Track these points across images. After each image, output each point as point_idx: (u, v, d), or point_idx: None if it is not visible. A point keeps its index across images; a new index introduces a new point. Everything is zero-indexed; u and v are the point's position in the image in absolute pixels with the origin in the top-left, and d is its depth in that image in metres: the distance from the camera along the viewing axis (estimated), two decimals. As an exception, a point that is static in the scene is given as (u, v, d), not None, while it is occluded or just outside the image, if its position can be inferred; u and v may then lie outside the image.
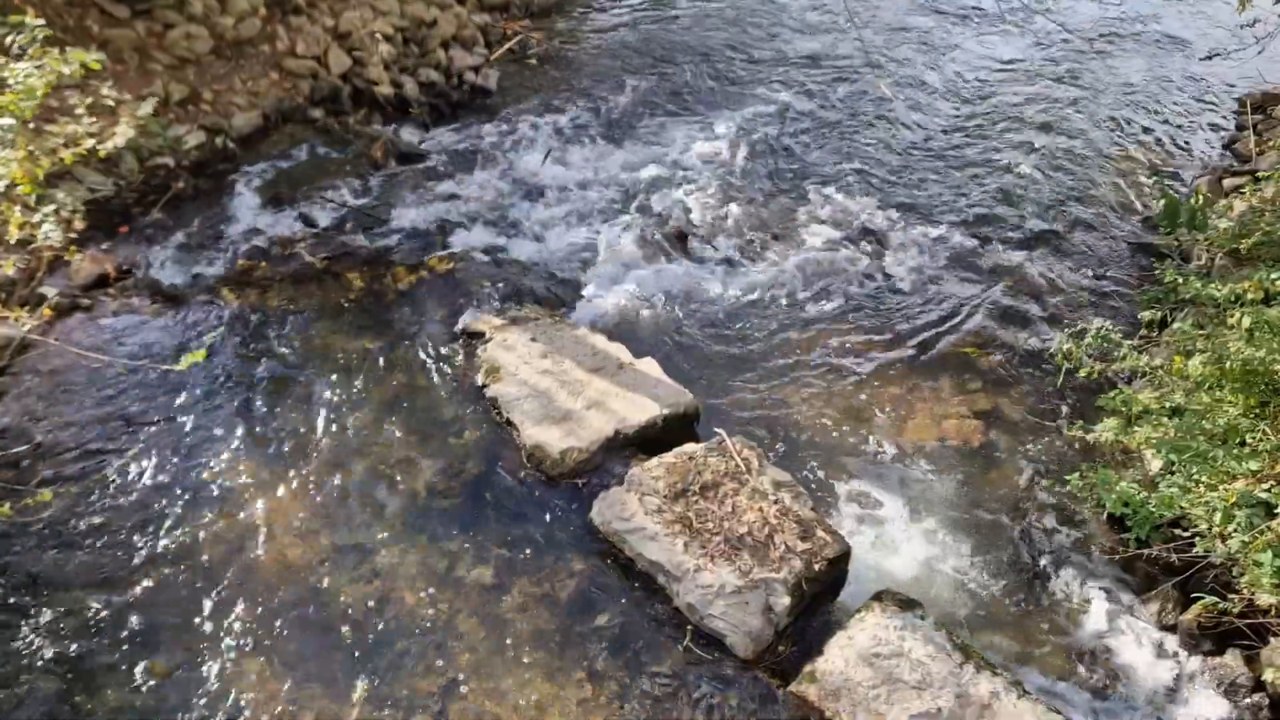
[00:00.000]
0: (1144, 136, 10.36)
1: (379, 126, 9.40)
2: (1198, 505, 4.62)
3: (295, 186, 8.31)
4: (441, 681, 4.43)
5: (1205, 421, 4.93)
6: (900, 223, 8.55)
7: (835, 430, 6.26)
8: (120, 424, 5.66)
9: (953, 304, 7.55)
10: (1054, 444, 6.19)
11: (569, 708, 4.32)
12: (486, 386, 6.01)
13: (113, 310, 6.57)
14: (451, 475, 5.50)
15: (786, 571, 4.71)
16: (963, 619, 5.12)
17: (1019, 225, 8.59)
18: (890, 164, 9.53)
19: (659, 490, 5.13)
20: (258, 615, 4.67)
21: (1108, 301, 7.64)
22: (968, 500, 5.81)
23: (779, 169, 9.36)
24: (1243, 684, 4.67)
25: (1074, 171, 9.52)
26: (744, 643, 4.51)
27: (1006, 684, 4.33)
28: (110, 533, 5.00)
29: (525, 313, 6.73)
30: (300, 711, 4.26)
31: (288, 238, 7.63)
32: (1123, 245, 8.41)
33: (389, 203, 8.27)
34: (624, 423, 5.65)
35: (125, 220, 7.55)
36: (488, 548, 5.08)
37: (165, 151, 7.98)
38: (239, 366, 6.18)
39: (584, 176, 9.02)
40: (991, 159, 9.70)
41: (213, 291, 6.89)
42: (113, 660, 4.40)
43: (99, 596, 4.67)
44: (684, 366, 6.66)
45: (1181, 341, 5.51)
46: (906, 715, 4.18)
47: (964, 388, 6.67)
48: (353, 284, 7.09)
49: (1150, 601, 5.16)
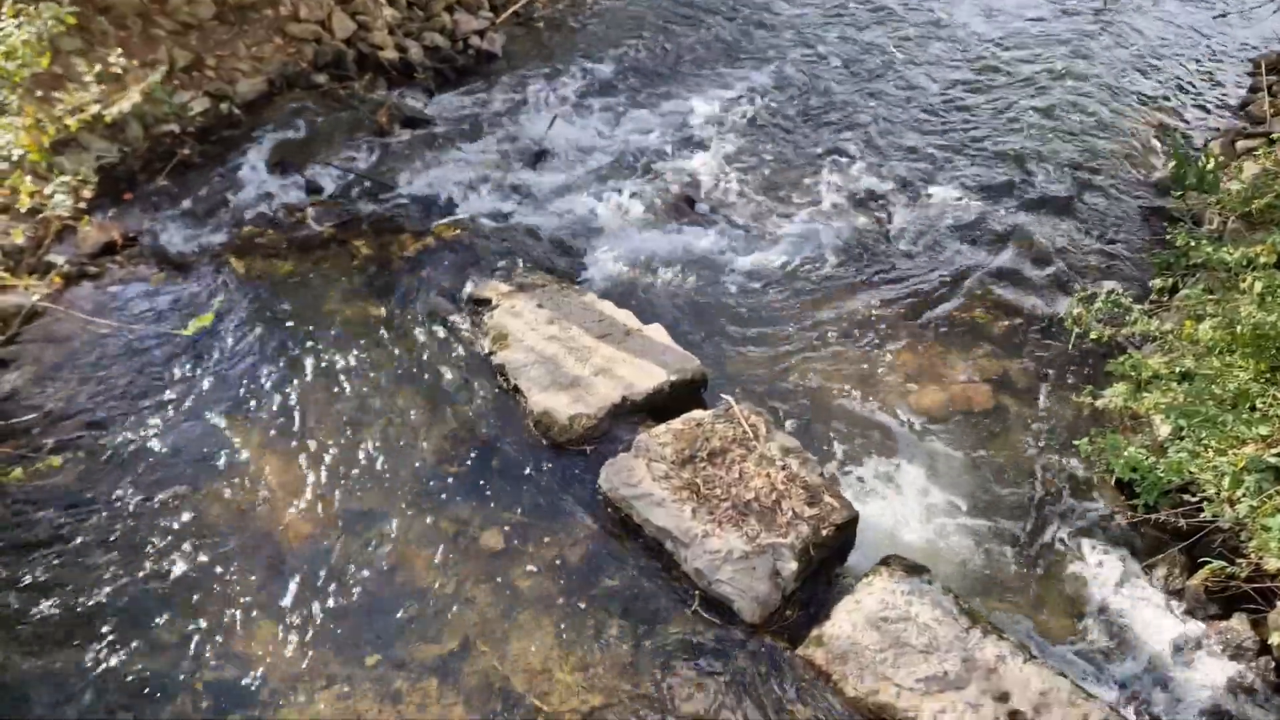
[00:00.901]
0: (1156, 98, 10.24)
1: (384, 92, 9.34)
2: (1206, 470, 4.61)
3: (300, 153, 8.27)
4: (452, 645, 4.46)
5: (1215, 386, 4.91)
6: (909, 187, 8.49)
7: (843, 396, 6.25)
8: (129, 391, 5.68)
9: (961, 269, 7.51)
10: (1063, 409, 6.17)
11: (577, 670, 4.35)
12: (493, 353, 6.00)
13: (120, 278, 6.58)
14: (459, 442, 5.52)
15: (794, 537, 4.72)
16: (970, 583, 5.13)
17: (1029, 189, 8.51)
18: (898, 127, 9.44)
19: (666, 456, 5.14)
20: (268, 581, 4.70)
21: (1118, 265, 7.59)
22: (975, 465, 5.81)
23: (786, 133, 9.29)
24: (1249, 647, 4.69)
25: (1085, 134, 9.42)
26: (751, 607, 4.53)
27: (1013, 647, 4.35)
28: (120, 499, 5.03)
29: (532, 279, 6.71)
30: (312, 675, 4.30)
31: (293, 204, 7.61)
32: (1134, 209, 8.34)
33: (394, 169, 8.23)
34: (631, 389, 5.65)
35: (131, 187, 7.53)
36: (496, 514, 5.10)
37: (170, 118, 7.94)
38: (246, 334, 6.19)
39: (590, 141, 8.97)
40: (1001, 122, 9.60)
41: (219, 259, 6.89)
42: (123, 625, 4.44)
43: (110, 562, 4.71)
44: (691, 332, 6.65)
45: (1192, 306, 5.48)
46: (913, 679, 4.20)
47: (972, 353, 6.65)
48: (359, 251, 7.07)
49: (1157, 566, 5.17)
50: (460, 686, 4.28)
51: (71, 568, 4.66)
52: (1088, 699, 4.16)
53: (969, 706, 4.12)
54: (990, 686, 4.18)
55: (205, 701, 4.17)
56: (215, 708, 4.15)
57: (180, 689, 4.21)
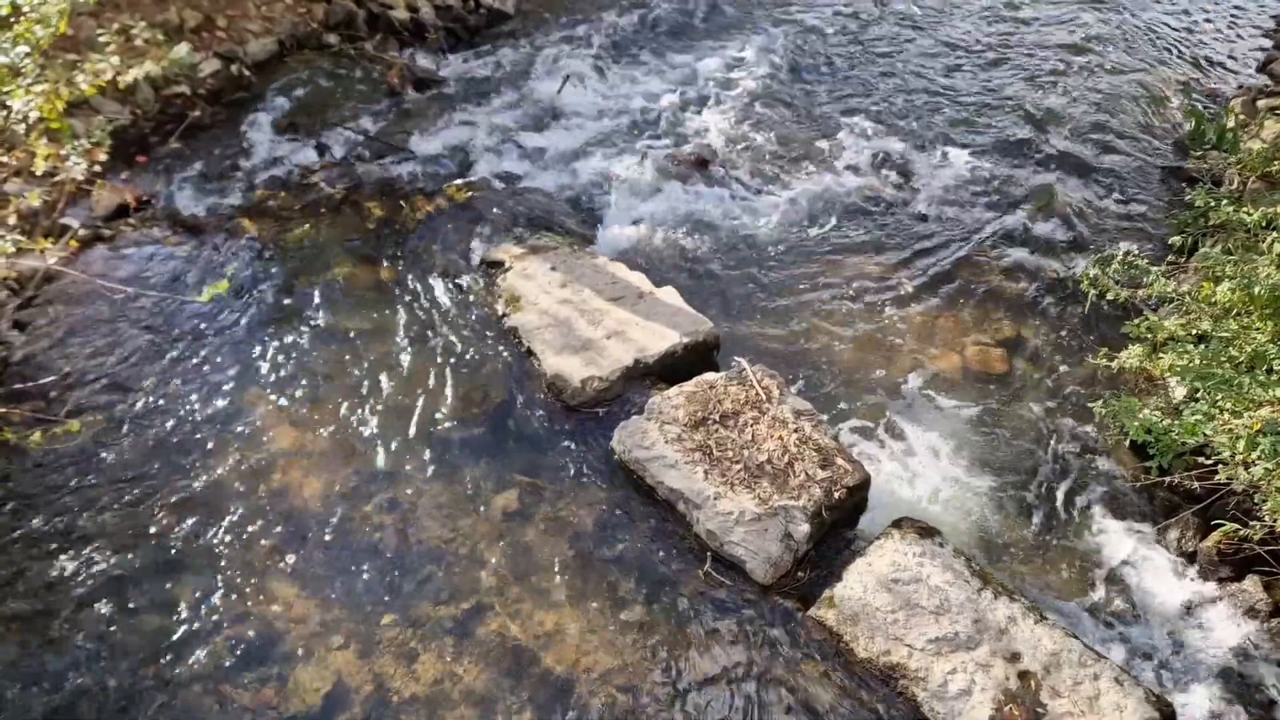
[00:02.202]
0: (1176, 58, 10.08)
1: (395, 52, 9.29)
2: (1221, 433, 4.58)
3: (312, 114, 8.25)
4: (466, 605, 4.50)
5: (1232, 348, 4.87)
6: (924, 147, 8.41)
7: (856, 358, 6.24)
8: (144, 354, 5.71)
9: (977, 230, 7.45)
10: (1078, 372, 6.14)
11: (590, 630, 4.40)
12: (506, 316, 6.01)
13: (134, 241, 6.60)
14: (473, 404, 5.54)
15: (806, 499, 4.74)
16: (982, 546, 5.15)
17: (1046, 150, 8.42)
18: (915, 87, 9.33)
19: (679, 419, 5.15)
20: (284, 542, 4.75)
21: (1136, 227, 7.51)
22: (989, 428, 5.80)
23: (801, 94, 9.19)
24: (1261, 609, 4.69)
25: (1103, 93, 9.29)
26: (763, 569, 4.56)
27: (1024, 609, 4.36)
28: (138, 462, 5.07)
29: (544, 241, 6.70)
30: (328, 634, 4.36)
31: (305, 166, 7.60)
32: (1153, 169, 8.24)
33: (406, 130, 8.20)
34: (644, 352, 5.65)
35: (143, 150, 7.53)
36: (509, 476, 5.13)
37: (181, 80, 7.92)
38: (259, 296, 6.21)
39: (603, 102, 8.90)
40: (1019, 81, 9.48)
41: (231, 221, 6.90)
42: (143, 586, 4.50)
43: (129, 523, 4.76)
44: (704, 295, 6.63)
45: (1210, 267, 5.42)
46: (924, 639, 4.23)
47: (988, 315, 6.61)
48: (371, 213, 7.07)
49: (1170, 529, 5.17)
50: (475, 646, 4.33)
51: (91, 529, 4.72)
52: (1098, 659, 4.18)
53: (979, 667, 4.14)
54: (1001, 647, 4.21)
55: (225, 660, 4.23)
56: (234, 666, 4.22)
57: (199, 648, 4.27)
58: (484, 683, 4.20)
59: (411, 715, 4.07)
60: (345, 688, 4.16)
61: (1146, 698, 4.04)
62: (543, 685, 4.19)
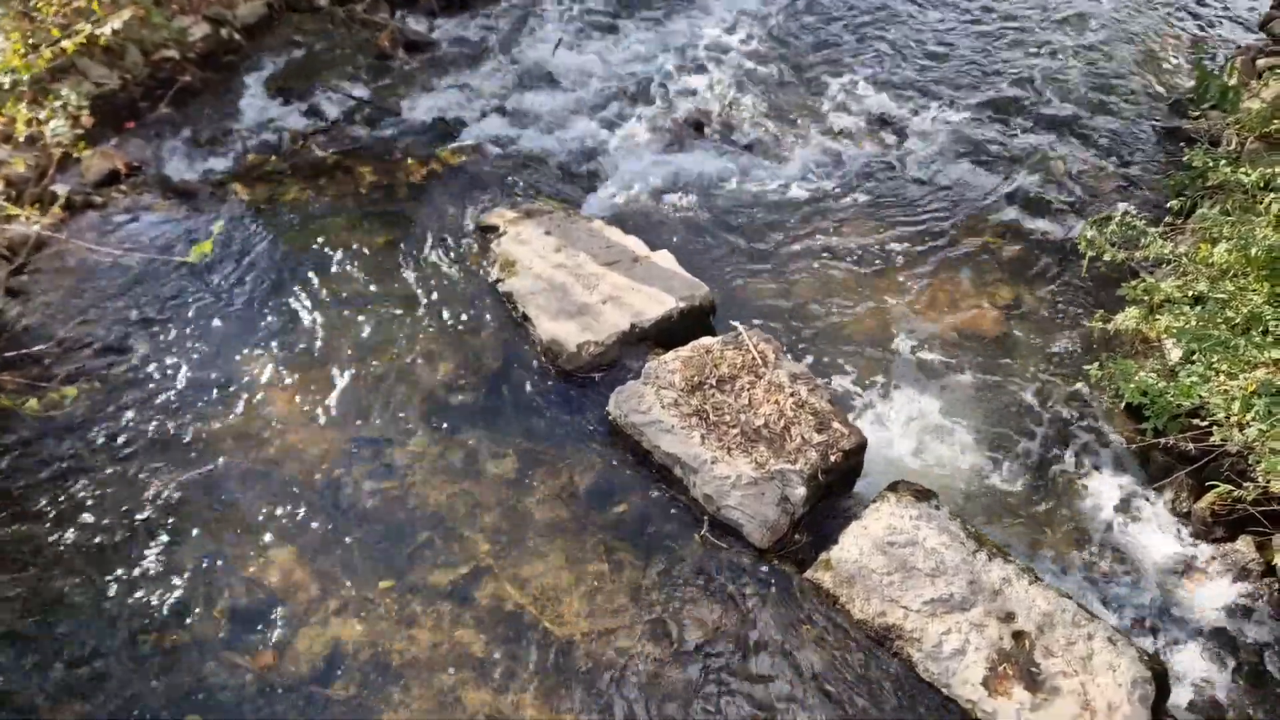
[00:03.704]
0: (1173, 17, 9.98)
1: (386, 15, 9.16)
2: (1217, 394, 4.59)
3: (303, 78, 8.15)
4: (464, 570, 4.53)
5: (1228, 310, 4.86)
6: (920, 109, 8.35)
7: (853, 322, 6.23)
8: (139, 320, 5.69)
9: (973, 192, 7.41)
10: (1074, 334, 6.14)
11: (588, 594, 4.42)
12: (501, 281, 5.98)
13: (125, 207, 6.54)
14: (468, 370, 5.53)
15: (803, 463, 4.75)
16: (978, 508, 5.17)
17: (1042, 110, 8.36)
18: (910, 48, 9.24)
19: (675, 383, 5.14)
20: (281, 508, 4.76)
21: (1134, 188, 7.48)
22: (985, 391, 5.81)
23: (796, 55, 9.10)
24: (1253, 569, 4.74)
25: (1100, 53, 9.22)
26: (760, 532, 4.58)
27: (1018, 570, 4.39)
28: (134, 428, 5.07)
29: (539, 205, 6.66)
30: (326, 599, 4.38)
31: (297, 131, 7.53)
32: (1150, 130, 8.19)
33: (398, 94, 8.11)
34: (640, 316, 5.63)
35: (133, 115, 7.45)
36: (506, 441, 5.14)
37: (170, 44, 7.81)
38: (253, 262, 6.17)
39: (597, 65, 8.80)
40: (1013, 42, 9.39)
41: (223, 186, 6.84)
42: (141, 552, 4.51)
43: (126, 489, 4.77)
44: (700, 259, 6.60)
45: (1208, 228, 5.39)
46: (919, 601, 4.26)
47: (984, 278, 6.60)
48: (364, 178, 7.01)
49: (1165, 490, 5.19)
50: (474, 610, 4.36)
51: (89, 497, 4.72)
52: (1091, 620, 4.22)
53: (974, 627, 4.18)
54: (995, 608, 4.24)
55: (225, 625, 4.25)
56: (234, 632, 4.24)
57: (198, 614, 4.29)
58: (482, 646, 4.23)
59: (411, 679, 4.10)
60: (344, 652, 4.19)
61: (1139, 657, 4.08)
62: (541, 648, 4.22)
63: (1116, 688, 3.96)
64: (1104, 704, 3.92)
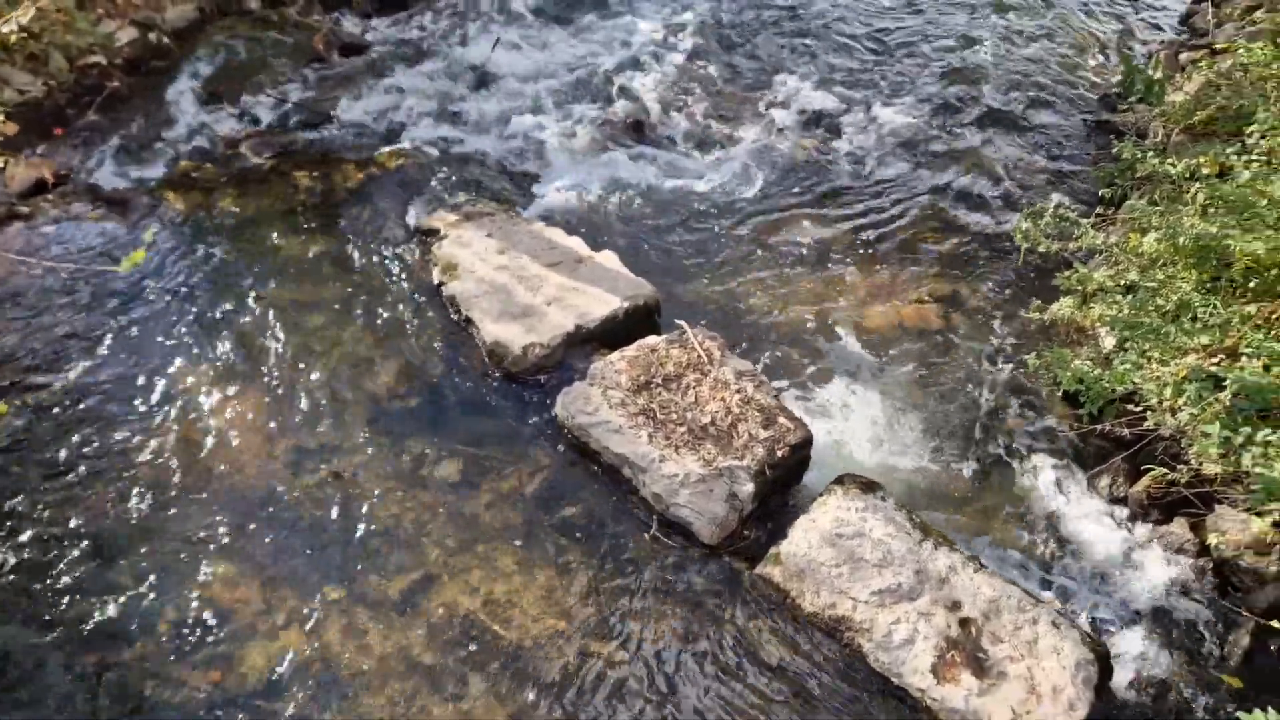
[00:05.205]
0: (1100, 13, 10.22)
1: (319, 17, 9.03)
2: (1149, 380, 4.70)
3: (235, 83, 8.00)
4: (413, 577, 4.48)
5: (1158, 298, 4.98)
6: (856, 107, 8.44)
7: (795, 318, 6.28)
8: (70, 333, 5.54)
9: (911, 189, 7.52)
10: (1012, 325, 6.25)
11: (539, 598, 4.40)
12: (443, 284, 5.93)
13: (54, 217, 6.36)
14: (411, 375, 5.47)
15: (750, 459, 4.78)
16: (923, 498, 5.24)
17: (975, 106, 8.50)
18: (845, 47, 9.35)
19: (622, 383, 5.14)
20: (223, 521, 4.66)
21: (1066, 181, 7.64)
22: (927, 383, 5.89)
23: (734, 54, 9.16)
24: (1188, 549, 4.87)
25: (1031, 50, 9.40)
26: (709, 529, 4.60)
27: (964, 558, 4.46)
28: (68, 444, 4.93)
29: (480, 208, 6.61)
30: (274, 612, 4.30)
31: (230, 137, 7.39)
32: (1080, 124, 8.38)
33: (334, 97, 8.00)
34: (584, 317, 5.62)
35: (60, 123, 7.25)
36: (452, 447, 5.09)
37: (96, 49, 7.62)
38: (188, 271, 6.04)
39: (535, 65, 8.77)
40: (947, 39, 9.54)
41: (156, 194, 6.68)
42: (79, 570, 4.39)
43: (61, 506, 4.64)
44: (643, 258, 6.61)
45: (1137, 218, 5.53)
46: (868, 591, 4.31)
47: (922, 272, 6.69)
48: (300, 183, 6.90)
49: (1101, 475, 5.31)
50: (424, 618, 4.31)
51: (23, 514, 4.58)
52: (1036, 604, 4.30)
53: (922, 616, 4.23)
54: (942, 596, 4.30)
55: (169, 642, 4.16)
56: (179, 648, 4.14)
57: (141, 632, 4.19)
58: (434, 654, 4.19)
59: (361, 689, 4.05)
60: (293, 665, 4.12)
61: (1082, 639, 4.17)
62: (493, 653, 4.19)
63: (1061, 670, 4.05)
64: (1049, 687, 4.00)
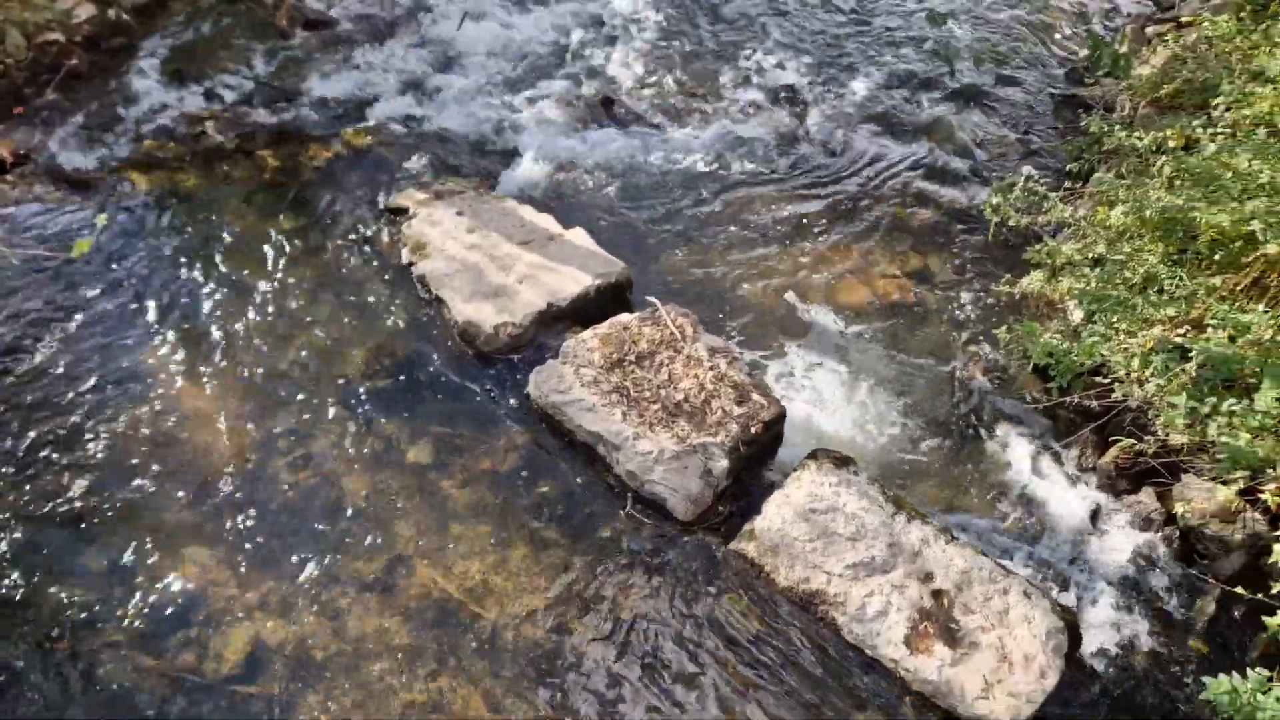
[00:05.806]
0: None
1: (283, -8, 8.88)
2: (1117, 353, 4.76)
3: (198, 60, 7.85)
4: (388, 558, 4.47)
5: (1126, 271, 5.03)
6: (827, 82, 8.42)
7: (766, 294, 6.28)
8: (35, 318, 5.45)
9: (880, 163, 7.52)
10: (983, 299, 6.29)
11: (515, 577, 4.41)
12: (413, 264, 5.88)
13: (14, 199, 6.24)
14: (382, 356, 5.43)
15: (724, 435, 4.79)
16: (895, 472, 5.28)
17: (945, 81, 8.51)
18: (815, 22, 9.31)
19: (595, 361, 5.13)
20: (194, 506, 4.63)
21: (1035, 156, 7.67)
22: (899, 358, 5.92)
23: (705, 29, 9.09)
24: (1155, 518, 4.94)
25: (999, 24, 9.41)
26: (684, 505, 4.61)
27: (936, 531, 4.50)
28: (35, 430, 4.86)
29: (450, 186, 6.55)
30: (246, 595, 4.28)
31: (194, 115, 7.25)
32: (1048, 97, 8.40)
33: (299, 74, 7.88)
34: (556, 295, 5.59)
35: (19, 102, 7.10)
36: (424, 427, 5.07)
37: (54, 26, 7.45)
38: (153, 253, 5.95)
39: (504, 40, 8.66)
40: (916, 14, 9.52)
41: (119, 174, 6.57)
42: (49, 559, 4.34)
43: (29, 493, 4.58)
44: (614, 236, 6.57)
45: (1104, 192, 5.57)
46: (841, 565, 4.34)
47: (893, 247, 6.71)
48: (266, 162, 6.81)
49: (1071, 446, 5.37)
50: (400, 600, 4.31)
51: (-14, 502, 4.53)
52: (1007, 575, 4.35)
53: (895, 588, 4.27)
54: (915, 569, 4.34)
55: (140, 629, 4.13)
56: (150, 635, 4.11)
57: (112, 619, 4.16)
58: (409, 635, 4.18)
59: (336, 672, 4.04)
60: (267, 649, 4.11)
61: (1052, 609, 4.23)
62: (470, 633, 4.19)
63: (1032, 639, 4.10)
64: (1020, 655, 4.06)
